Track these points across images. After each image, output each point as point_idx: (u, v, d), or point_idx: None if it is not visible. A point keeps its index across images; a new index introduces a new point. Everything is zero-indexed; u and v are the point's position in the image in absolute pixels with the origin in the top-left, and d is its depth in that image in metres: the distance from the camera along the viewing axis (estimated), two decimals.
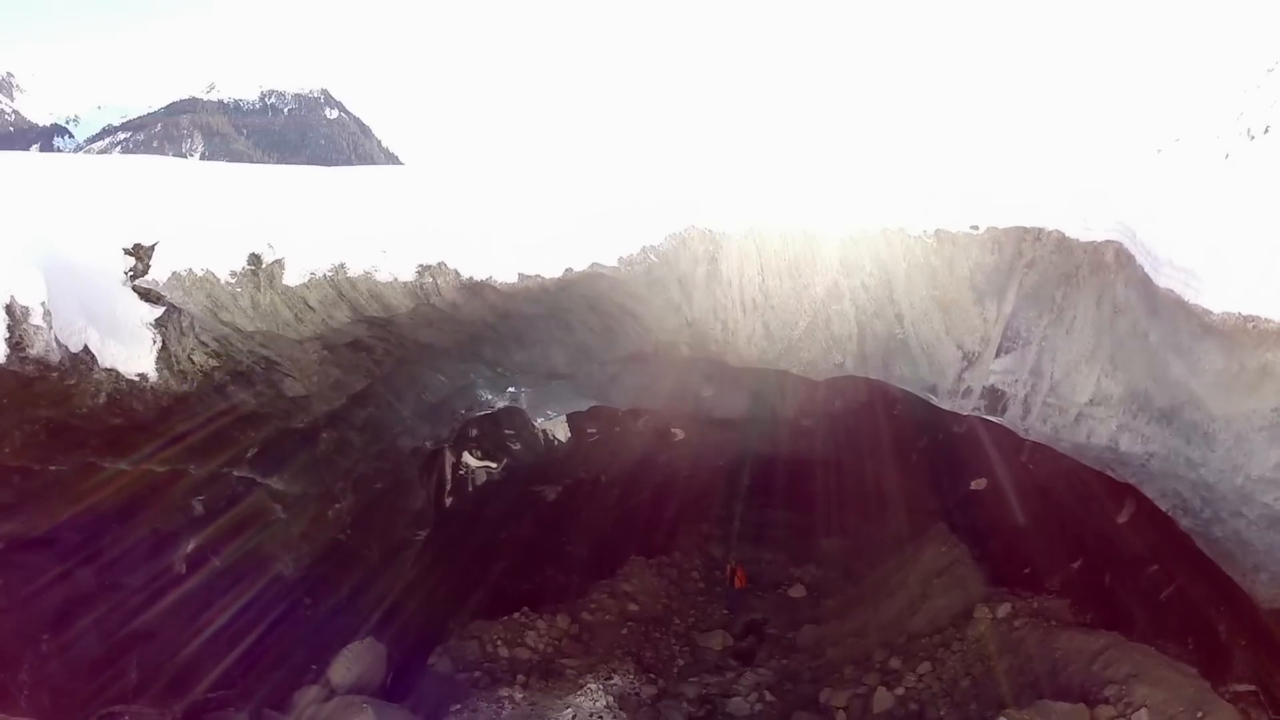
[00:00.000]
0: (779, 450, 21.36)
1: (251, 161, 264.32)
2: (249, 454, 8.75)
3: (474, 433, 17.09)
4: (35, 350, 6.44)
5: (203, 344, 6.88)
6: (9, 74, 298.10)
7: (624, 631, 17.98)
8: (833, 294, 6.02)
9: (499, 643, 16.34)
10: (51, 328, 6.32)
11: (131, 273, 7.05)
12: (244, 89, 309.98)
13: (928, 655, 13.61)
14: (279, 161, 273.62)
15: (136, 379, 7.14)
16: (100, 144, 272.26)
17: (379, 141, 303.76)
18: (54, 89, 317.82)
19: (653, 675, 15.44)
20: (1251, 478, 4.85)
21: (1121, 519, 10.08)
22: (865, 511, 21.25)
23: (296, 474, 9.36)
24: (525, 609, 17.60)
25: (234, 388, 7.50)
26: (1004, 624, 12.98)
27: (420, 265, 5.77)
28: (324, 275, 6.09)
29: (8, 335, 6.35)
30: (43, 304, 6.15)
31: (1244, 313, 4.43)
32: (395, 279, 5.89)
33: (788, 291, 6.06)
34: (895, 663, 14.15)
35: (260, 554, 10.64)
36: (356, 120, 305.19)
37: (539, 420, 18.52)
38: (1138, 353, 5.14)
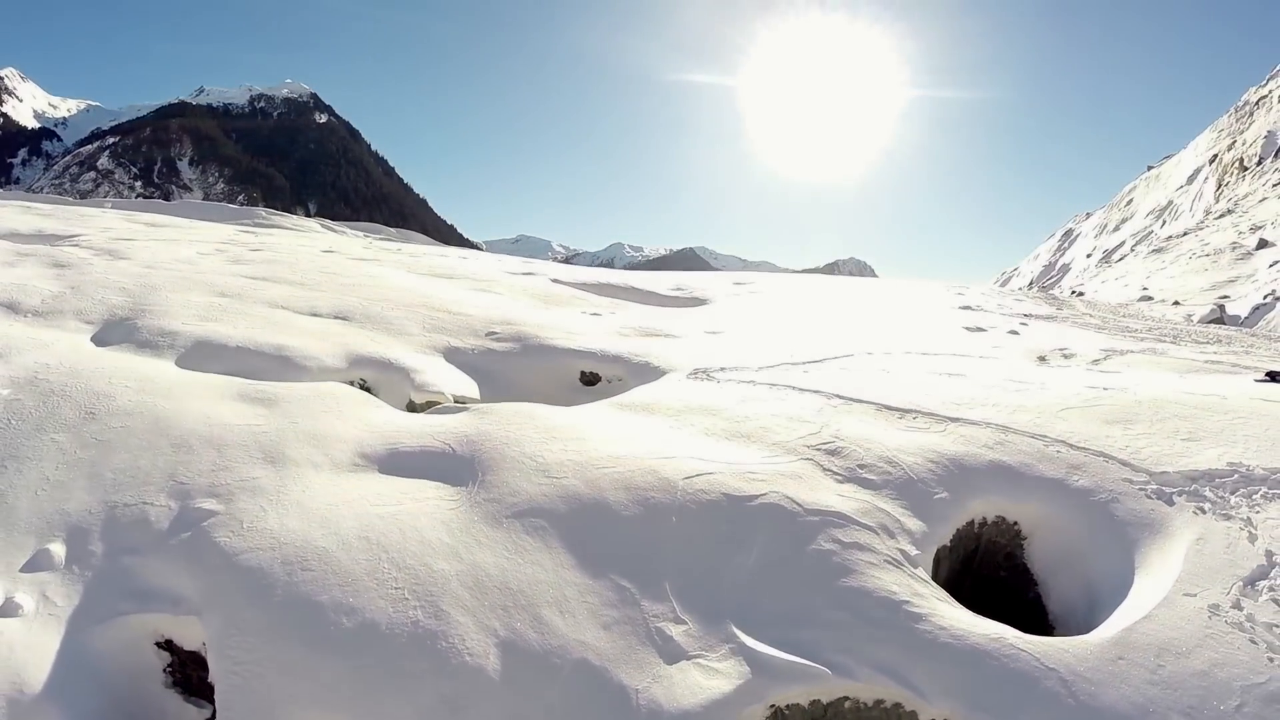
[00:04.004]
0: None
1: (239, 167, 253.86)
2: None
3: None
4: None
5: None
6: None
7: None
8: None
9: None
10: None
11: (169, 669, 4.58)
12: (233, 93, 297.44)
13: None
14: (268, 165, 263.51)
15: None
16: (89, 148, 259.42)
17: (368, 145, 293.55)
18: (42, 92, 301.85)
19: None
20: None
21: None
22: None
23: None
24: None
25: None
26: None
27: None
28: None
29: None
30: None
31: None
32: None
33: None
34: None
35: None
36: (346, 125, 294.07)
37: None
38: None
